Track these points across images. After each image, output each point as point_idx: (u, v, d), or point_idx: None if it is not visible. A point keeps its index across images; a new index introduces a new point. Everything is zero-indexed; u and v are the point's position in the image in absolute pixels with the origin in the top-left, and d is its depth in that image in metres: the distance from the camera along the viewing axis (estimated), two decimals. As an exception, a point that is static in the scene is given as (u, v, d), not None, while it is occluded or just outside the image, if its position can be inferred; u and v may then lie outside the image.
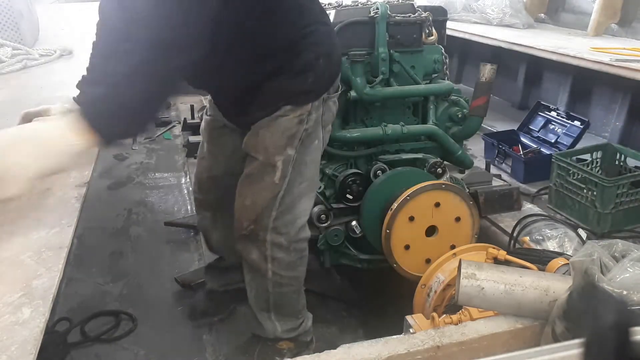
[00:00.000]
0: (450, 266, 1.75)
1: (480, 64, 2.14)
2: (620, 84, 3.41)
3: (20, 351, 0.87)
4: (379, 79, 2.06)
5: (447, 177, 2.15)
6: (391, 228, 1.97)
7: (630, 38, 3.74)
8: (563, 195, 2.56)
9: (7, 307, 0.97)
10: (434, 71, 2.24)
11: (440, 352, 1.35)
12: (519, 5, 4.35)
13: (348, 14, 2.06)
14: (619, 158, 2.64)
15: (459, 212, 2.03)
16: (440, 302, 1.72)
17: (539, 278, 1.40)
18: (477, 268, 1.41)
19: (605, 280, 1.21)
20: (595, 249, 1.30)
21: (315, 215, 2.06)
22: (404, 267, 2.03)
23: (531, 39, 3.68)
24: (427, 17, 2.14)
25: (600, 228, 2.38)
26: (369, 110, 2.16)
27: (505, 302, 1.38)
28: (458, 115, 2.24)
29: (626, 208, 2.39)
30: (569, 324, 1.27)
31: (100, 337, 2.05)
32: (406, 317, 1.53)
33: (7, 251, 1.13)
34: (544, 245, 2.06)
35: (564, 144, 3.15)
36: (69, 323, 2.08)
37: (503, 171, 3.13)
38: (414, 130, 2.16)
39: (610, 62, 2.86)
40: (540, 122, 3.41)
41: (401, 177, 2.05)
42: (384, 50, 2.06)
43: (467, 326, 1.41)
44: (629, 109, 3.47)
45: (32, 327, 0.92)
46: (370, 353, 1.32)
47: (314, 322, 1.88)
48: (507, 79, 4.49)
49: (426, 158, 2.16)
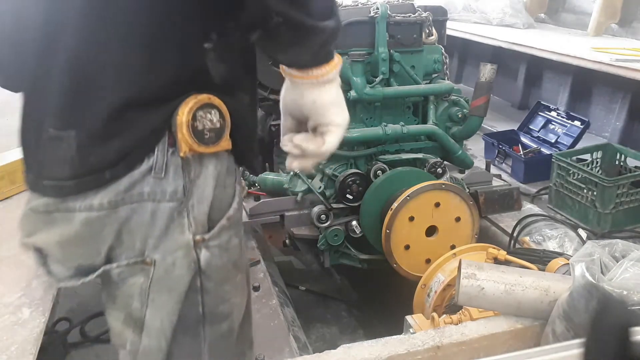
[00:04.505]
0: (450, 266, 1.75)
1: (480, 64, 2.14)
2: (620, 84, 3.41)
3: (20, 351, 0.87)
4: (379, 79, 2.06)
5: (447, 177, 2.15)
6: (391, 228, 1.97)
7: (630, 38, 3.75)
8: (563, 195, 2.56)
9: (7, 307, 0.97)
10: (434, 71, 2.24)
11: (440, 352, 1.35)
12: (519, 5, 4.35)
13: (348, 13, 2.06)
14: (619, 158, 2.64)
15: (459, 212, 2.03)
16: (440, 302, 1.72)
17: (539, 278, 1.40)
18: (477, 268, 1.41)
19: (605, 280, 1.21)
20: (595, 249, 1.30)
21: (315, 215, 2.06)
22: (404, 267, 2.03)
23: (531, 39, 3.68)
24: (427, 17, 2.14)
25: (600, 228, 2.38)
26: (369, 110, 2.16)
27: (506, 302, 1.38)
28: (458, 115, 2.24)
29: (626, 208, 2.39)
30: (569, 324, 1.27)
31: (100, 337, 2.04)
32: (406, 317, 1.53)
33: (7, 251, 1.13)
34: (544, 245, 2.06)
35: (564, 144, 3.14)
36: (69, 323, 2.08)
37: (503, 171, 3.12)
38: (414, 130, 2.16)
39: (611, 62, 2.86)
40: (540, 122, 3.41)
41: (401, 177, 2.05)
42: (384, 50, 2.06)
43: (467, 326, 1.41)
44: (629, 109, 3.47)
45: (32, 327, 0.92)
46: (370, 353, 1.32)
47: (314, 322, 1.88)
48: (507, 79, 4.49)
49: (426, 158, 2.16)
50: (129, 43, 0.76)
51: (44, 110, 0.78)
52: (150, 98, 0.78)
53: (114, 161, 0.77)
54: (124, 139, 0.77)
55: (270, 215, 2.12)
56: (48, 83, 0.77)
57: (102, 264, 0.83)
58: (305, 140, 0.94)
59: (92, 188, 0.78)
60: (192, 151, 0.80)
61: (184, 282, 0.85)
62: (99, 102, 0.76)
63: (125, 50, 0.76)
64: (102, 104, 0.76)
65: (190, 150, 0.80)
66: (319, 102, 0.91)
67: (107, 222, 0.80)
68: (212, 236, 0.86)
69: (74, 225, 0.80)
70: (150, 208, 0.80)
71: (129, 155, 0.78)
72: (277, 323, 1.80)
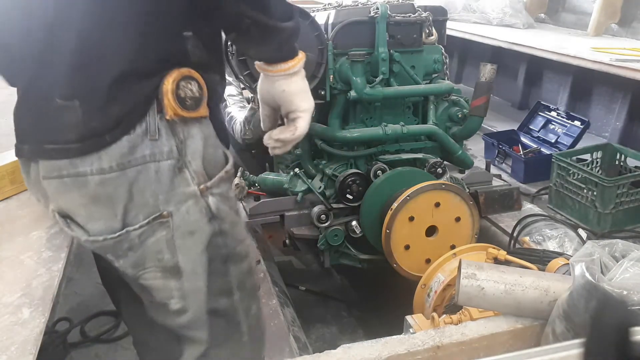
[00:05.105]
0: (450, 266, 1.75)
1: (480, 64, 2.14)
2: (620, 84, 3.41)
3: (20, 351, 0.87)
4: (379, 79, 2.06)
5: (447, 177, 2.15)
6: (391, 228, 1.97)
7: (630, 38, 3.74)
8: (563, 195, 2.56)
9: (7, 307, 0.97)
10: (434, 71, 2.24)
11: (440, 352, 1.35)
12: (519, 5, 4.35)
13: (348, 13, 2.06)
14: (619, 158, 2.64)
15: (459, 212, 2.03)
16: (440, 302, 1.72)
17: (539, 278, 1.40)
18: (477, 268, 1.41)
19: (605, 280, 1.21)
20: (595, 249, 1.30)
21: (315, 215, 2.06)
22: (404, 267, 2.03)
23: (531, 39, 3.68)
24: (427, 17, 2.14)
25: (600, 228, 2.38)
26: (369, 110, 2.16)
27: (506, 302, 1.38)
28: (458, 115, 2.24)
29: (626, 208, 2.39)
30: (569, 324, 1.27)
31: (100, 337, 2.05)
32: (406, 317, 1.53)
33: (7, 251, 1.13)
34: (544, 245, 2.06)
35: (564, 144, 3.14)
36: (69, 323, 2.08)
37: (503, 171, 3.13)
38: (414, 130, 2.16)
39: (611, 62, 2.86)
40: (540, 122, 3.41)
41: (401, 177, 2.05)
42: (384, 50, 2.05)
43: (467, 326, 1.41)
44: (629, 109, 3.47)
45: (32, 327, 0.92)
46: (370, 353, 1.32)
47: (314, 322, 1.88)
48: (507, 79, 4.49)
49: (426, 158, 2.16)
50: (127, 27, 0.91)
51: (51, 84, 0.91)
52: (142, 71, 0.93)
53: (113, 125, 0.91)
54: (121, 106, 0.91)
55: (270, 215, 2.12)
56: (56, 60, 0.91)
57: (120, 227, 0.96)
58: (281, 132, 1.19)
59: (95, 150, 0.91)
60: (177, 115, 0.95)
61: (202, 224, 1.00)
62: (101, 74, 0.90)
63: (124, 33, 0.91)
64: (103, 76, 0.90)
65: (175, 114, 0.95)
66: (287, 91, 1.13)
67: (118, 182, 0.93)
68: (214, 184, 1.01)
69: (90, 187, 0.93)
70: (154, 168, 0.95)
71: (125, 119, 0.92)
72: (277, 323, 1.80)
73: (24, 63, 0.95)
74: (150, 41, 0.94)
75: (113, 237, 0.96)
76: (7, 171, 1.39)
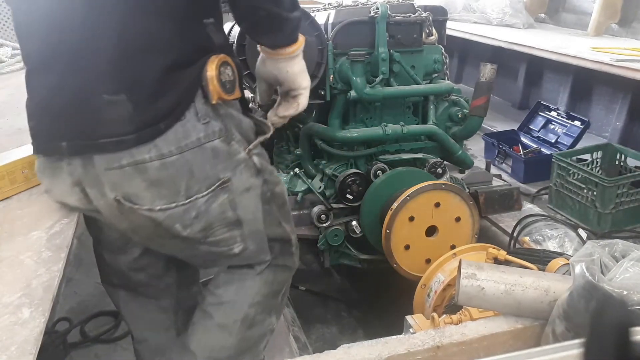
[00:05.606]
0: (450, 266, 1.75)
1: (480, 64, 2.14)
2: (620, 84, 3.41)
3: (20, 351, 0.87)
4: (379, 79, 2.06)
5: (447, 177, 2.15)
6: (391, 228, 1.97)
7: (630, 38, 3.74)
8: (563, 195, 2.56)
9: (7, 307, 0.97)
10: (434, 71, 2.24)
11: (440, 352, 1.35)
12: (519, 5, 4.35)
13: (348, 13, 2.06)
14: (619, 158, 2.64)
15: (459, 212, 2.03)
16: (440, 302, 1.72)
17: (539, 278, 1.40)
18: (477, 268, 1.41)
19: (605, 280, 1.21)
20: (595, 249, 1.30)
21: (315, 215, 2.06)
22: (404, 267, 2.03)
23: (531, 39, 3.68)
24: (427, 17, 2.14)
25: (601, 228, 2.38)
26: (369, 110, 2.16)
27: (506, 302, 1.38)
28: (458, 115, 2.24)
29: (626, 208, 2.39)
30: (569, 324, 1.27)
31: (100, 337, 2.04)
32: (406, 317, 1.53)
33: (7, 251, 1.13)
34: (544, 245, 2.06)
35: (564, 144, 3.14)
36: (69, 323, 2.08)
37: (503, 171, 3.12)
38: (414, 130, 2.16)
39: (611, 62, 2.86)
40: (540, 122, 3.41)
41: (401, 177, 2.05)
42: (384, 50, 2.05)
43: (467, 326, 1.41)
44: (629, 109, 3.47)
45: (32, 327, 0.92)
46: (370, 353, 1.32)
47: (314, 322, 1.88)
48: (507, 79, 4.49)
49: (426, 158, 2.16)
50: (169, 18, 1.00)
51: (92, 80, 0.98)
52: (184, 61, 1.03)
53: (166, 114, 1.01)
54: (171, 95, 1.01)
55: (270, 215, 2.12)
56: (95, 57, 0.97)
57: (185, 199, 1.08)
58: (286, 110, 1.34)
59: (151, 139, 1.00)
60: (220, 99, 1.07)
61: (253, 180, 1.20)
62: (146, 68, 0.99)
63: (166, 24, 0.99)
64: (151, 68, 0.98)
65: (219, 98, 1.07)
66: (290, 72, 1.27)
67: (178, 164, 1.05)
68: (254, 146, 1.20)
69: (151, 172, 1.03)
70: (209, 147, 1.08)
71: (177, 108, 1.02)
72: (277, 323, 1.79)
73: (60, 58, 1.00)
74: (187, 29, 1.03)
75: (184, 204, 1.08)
76: (7, 171, 1.39)
